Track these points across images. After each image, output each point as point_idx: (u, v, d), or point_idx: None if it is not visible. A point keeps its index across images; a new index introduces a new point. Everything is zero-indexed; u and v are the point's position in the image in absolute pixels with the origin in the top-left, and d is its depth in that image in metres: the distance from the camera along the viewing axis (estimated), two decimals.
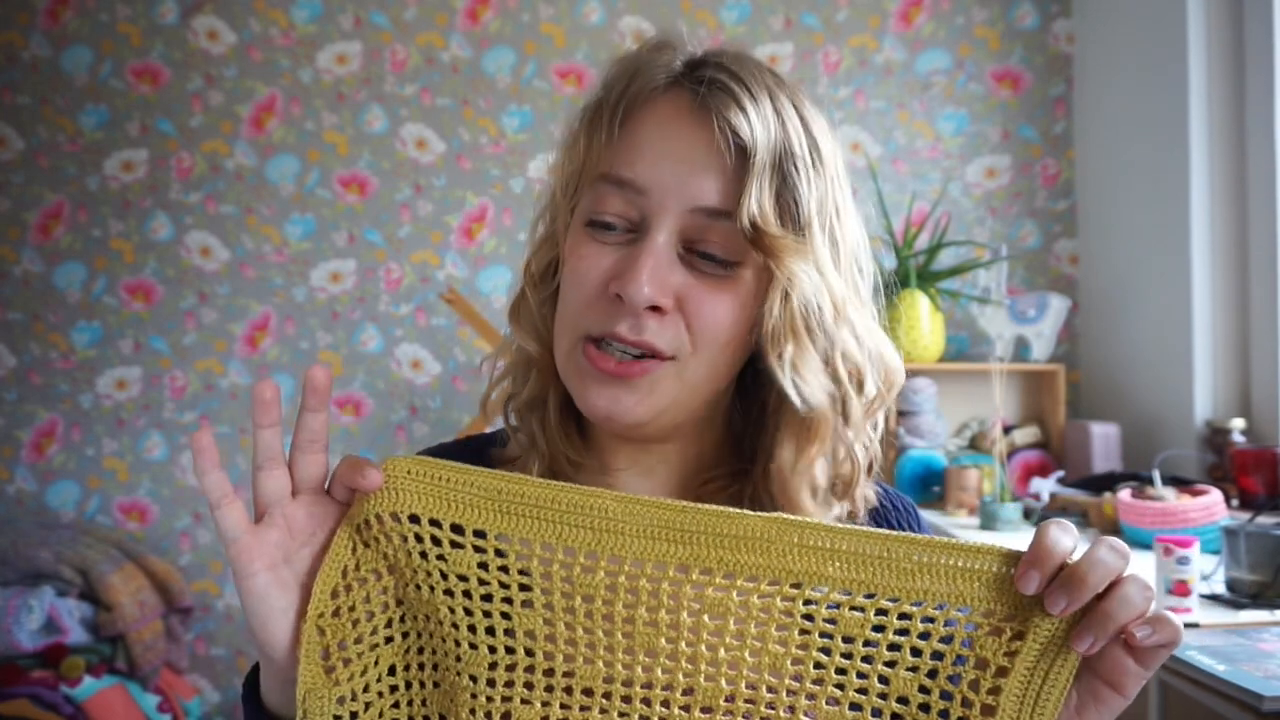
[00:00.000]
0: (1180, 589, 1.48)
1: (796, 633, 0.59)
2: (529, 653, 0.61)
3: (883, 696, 0.59)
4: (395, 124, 2.95)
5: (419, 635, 0.63)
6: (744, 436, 0.75)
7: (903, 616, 0.58)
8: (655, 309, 0.67)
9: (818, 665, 0.60)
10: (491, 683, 0.62)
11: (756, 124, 0.66)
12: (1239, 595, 1.57)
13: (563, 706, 0.61)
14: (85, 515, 2.88)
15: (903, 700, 0.59)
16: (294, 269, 2.93)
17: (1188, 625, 1.44)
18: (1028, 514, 2.22)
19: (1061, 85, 2.98)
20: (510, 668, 0.62)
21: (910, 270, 2.65)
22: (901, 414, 2.66)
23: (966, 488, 2.37)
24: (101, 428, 2.90)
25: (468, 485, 0.62)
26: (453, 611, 0.62)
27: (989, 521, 2.16)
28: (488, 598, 0.62)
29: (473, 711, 0.61)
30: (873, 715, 0.60)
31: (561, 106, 2.93)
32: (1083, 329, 2.95)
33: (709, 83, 0.68)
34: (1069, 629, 0.56)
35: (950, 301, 2.79)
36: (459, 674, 0.62)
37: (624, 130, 0.69)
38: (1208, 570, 1.65)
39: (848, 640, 0.59)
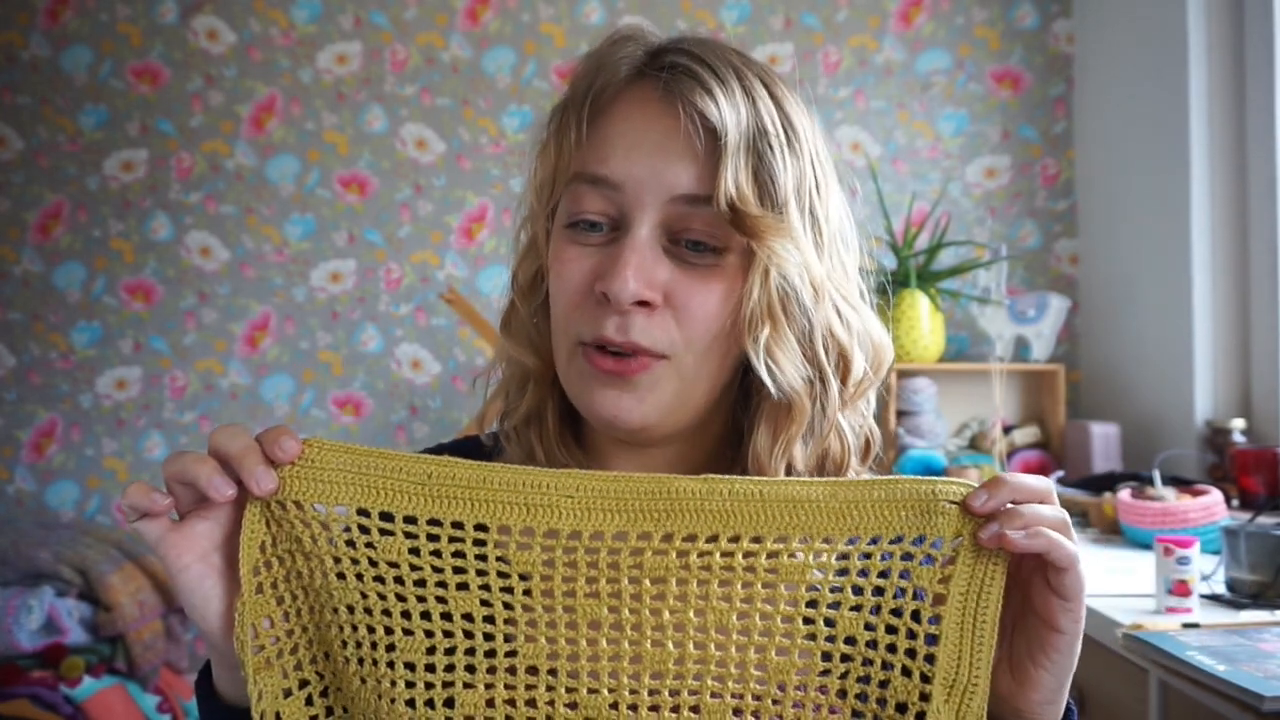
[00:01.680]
0: (1180, 589, 1.48)
1: (739, 586, 0.60)
2: (468, 635, 0.61)
3: (830, 639, 0.60)
4: (395, 124, 2.94)
5: (340, 629, 0.62)
6: (743, 433, 0.74)
7: (841, 557, 0.59)
8: (643, 304, 0.66)
9: (764, 617, 0.60)
10: (431, 668, 0.61)
11: (724, 105, 0.65)
12: (1239, 595, 1.57)
13: (507, 687, 0.60)
14: (85, 515, 2.88)
15: (850, 640, 0.60)
16: (294, 269, 2.93)
17: (1188, 625, 1.44)
18: None
19: (1061, 85, 2.98)
20: (449, 651, 0.61)
21: (910, 270, 2.65)
22: (901, 414, 2.66)
23: None
24: (101, 428, 2.90)
25: (395, 472, 0.61)
26: (383, 598, 0.61)
27: None
28: (421, 583, 0.61)
29: (411, 702, 0.60)
30: (823, 659, 0.60)
31: None
32: (1083, 329, 2.95)
33: (672, 68, 0.68)
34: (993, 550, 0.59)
35: (950, 301, 2.78)
36: (392, 664, 0.61)
37: (593, 128, 0.69)
38: (1208, 570, 1.65)
39: (790, 588, 0.60)
